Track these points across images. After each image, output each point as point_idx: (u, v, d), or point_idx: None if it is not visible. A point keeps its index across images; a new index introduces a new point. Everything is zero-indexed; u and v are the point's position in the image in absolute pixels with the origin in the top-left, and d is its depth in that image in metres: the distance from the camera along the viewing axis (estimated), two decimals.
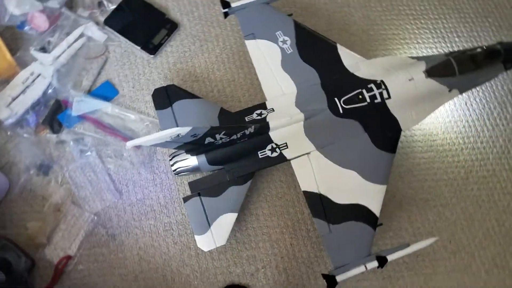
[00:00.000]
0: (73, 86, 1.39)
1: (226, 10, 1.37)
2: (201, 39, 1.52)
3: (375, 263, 1.13)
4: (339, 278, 1.11)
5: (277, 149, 1.22)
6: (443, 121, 1.50)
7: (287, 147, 1.22)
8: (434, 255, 1.36)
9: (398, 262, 1.34)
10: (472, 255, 1.38)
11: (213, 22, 1.54)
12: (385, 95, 1.23)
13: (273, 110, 1.25)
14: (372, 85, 1.24)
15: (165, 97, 1.30)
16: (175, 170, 1.20)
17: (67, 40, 1.42)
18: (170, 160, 1.21)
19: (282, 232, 1.34)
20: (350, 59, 1.32)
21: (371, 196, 1.20)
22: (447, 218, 1.40)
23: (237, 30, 1.53)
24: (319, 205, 1.19)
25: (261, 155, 1.21)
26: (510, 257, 1.38)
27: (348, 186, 1.21)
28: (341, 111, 1.22)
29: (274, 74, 1.32)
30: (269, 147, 1.21)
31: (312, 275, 1.31)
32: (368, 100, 1.22)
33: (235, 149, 1.19)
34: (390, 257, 1.13)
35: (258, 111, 1.26)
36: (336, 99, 1.23)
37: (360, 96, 1.23)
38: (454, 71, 1.25)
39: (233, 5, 1.36)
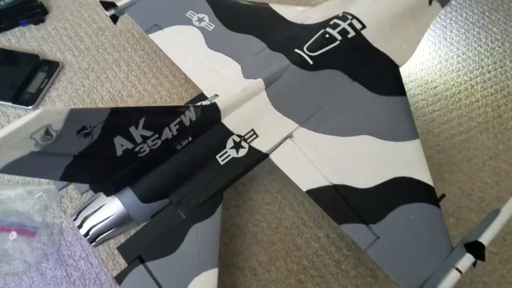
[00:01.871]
0: None
1: (112, 12, 1.01)
2: (95, 70, 1.12)
3: (469, 258, 0.65)
4: None
5: (243, 143, 0.77)
6: (432, 65, 1.17)
7: (257, 135, 0.78)
8: None
9: (487, 259, 0.85)
10: None
11: (106, 48, 1.16)
12: (357, 24, 0.87)
13: (216, 95, 0.82)
14: (335, 20, 0.88)
15: None
16: (87, 233, 0.69)
17: None
18: (75, 219, 0.70)
19: (300, 281, 0.82)
20: (293, 13, 0.98)
21: (407, 160, 0.77)
22: (507, 171, 0.98)
23: (141, 47, 1.16)
24: (340, 201, 0.73)
25: (222, 160, 0.75)
26: None
27: (369, 159, 0.77)
28: (310, 61, 0.83)
29: (202, 59, 0.93)
30: (229, 143, 0.76)
31: None
32: (339, 37, 0.85)
33: (178, 162, 0.72)
34: (485, 239, 0.67)
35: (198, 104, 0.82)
36: (297, 50, 0.84)
37: (327, 36, 0.86)
38: None
39: (119, 3, 1.01)
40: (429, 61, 1.18)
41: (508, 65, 1.18)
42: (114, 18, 1.02)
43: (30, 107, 1.03)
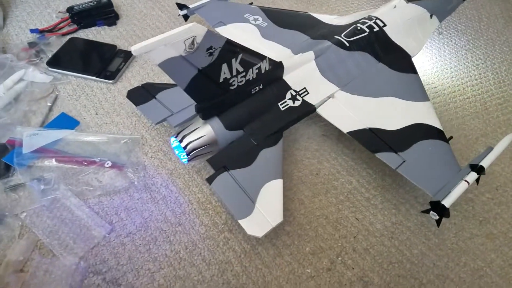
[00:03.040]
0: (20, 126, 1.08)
1: (184, 12, 1.29)
2: None
3: (473, 175, 0.88)
4: (446, 201, 0.83)
5: (298, 96, 1.01)
6: (431, 73, 1.46)
7: (308, 92, 1.02)
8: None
9: (484, 201, 1.08)
10: None
11: None
12: (380, 23, 1.16)
13: None
14: (364, 19, 1.18)
15: (144, 93, 1.07)
16: (186, 146, 0.90)
17: (4, 84, 1.16)
18: (176, 136, 0.91)
19: (339, 209, 1.02)
20: (328, 18, 1.28)
21: (422, 113, 1.02)
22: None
23: None
24: (375, 138, 0.96)
25: (282, 107, 0.99)
26: None
27: (394, 111, 1.02)
28: (347, 44, 1.10)
29: (257, 46, 1.18)
30: (288, 95, 1.00)
31: (402, 244, 0.97)
32: (367, 30, 1.14)
33: (252, 102, 0.96)
34: (484, 163, 0.90)
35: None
36: (336, 36, 1.12)
37: (359, 28, 1.14)
38: None
39: (191, 6, 1.29)
40: (428, 70, 1.47)
41: (490, 76, 1.48)
42: (185, 17, 1.30)
43: (111, 81, 1.26)
